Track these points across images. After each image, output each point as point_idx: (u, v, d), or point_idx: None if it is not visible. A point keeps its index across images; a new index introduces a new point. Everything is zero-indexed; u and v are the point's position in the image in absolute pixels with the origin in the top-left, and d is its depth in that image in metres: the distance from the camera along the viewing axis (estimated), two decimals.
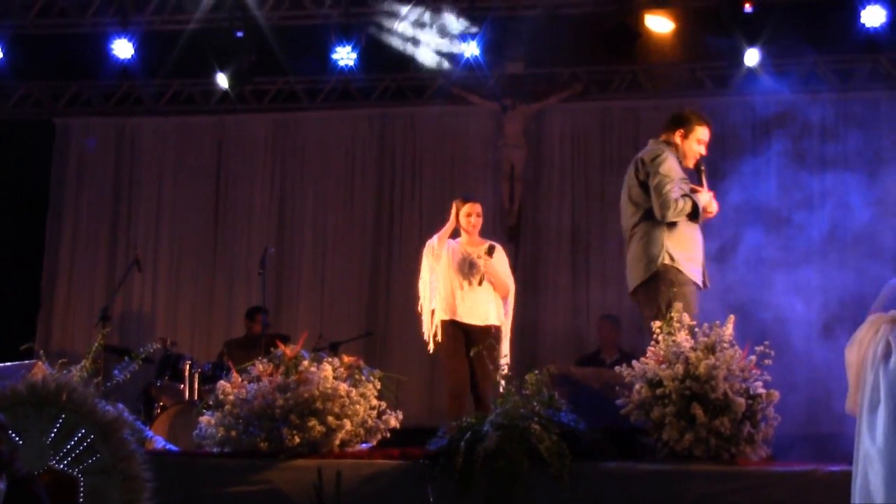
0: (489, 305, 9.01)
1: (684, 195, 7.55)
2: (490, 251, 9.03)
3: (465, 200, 9.31)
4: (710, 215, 7.84)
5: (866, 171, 11.22)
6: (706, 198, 7.75)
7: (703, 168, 7.87)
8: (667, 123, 7.99)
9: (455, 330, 8.87)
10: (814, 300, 11.87)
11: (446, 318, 8.96)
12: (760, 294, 11.03)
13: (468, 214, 9.20)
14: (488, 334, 8.76)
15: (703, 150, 7.87)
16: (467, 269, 8.99)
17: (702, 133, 7.86)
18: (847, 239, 11.12)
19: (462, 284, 9.00)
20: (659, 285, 7.44)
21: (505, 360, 8.60)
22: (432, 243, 9.21)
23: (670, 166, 7.60)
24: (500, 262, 9.16)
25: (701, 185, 7.84)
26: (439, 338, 8.91)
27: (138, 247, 12.88)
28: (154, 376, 11.05)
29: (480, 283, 8.94)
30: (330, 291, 13.56)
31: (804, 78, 12.39)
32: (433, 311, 9.06)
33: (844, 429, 7.33)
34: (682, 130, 7.84)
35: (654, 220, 7.59)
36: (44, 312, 13.79)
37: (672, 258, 7.47)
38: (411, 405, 9.65)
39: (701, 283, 7.62)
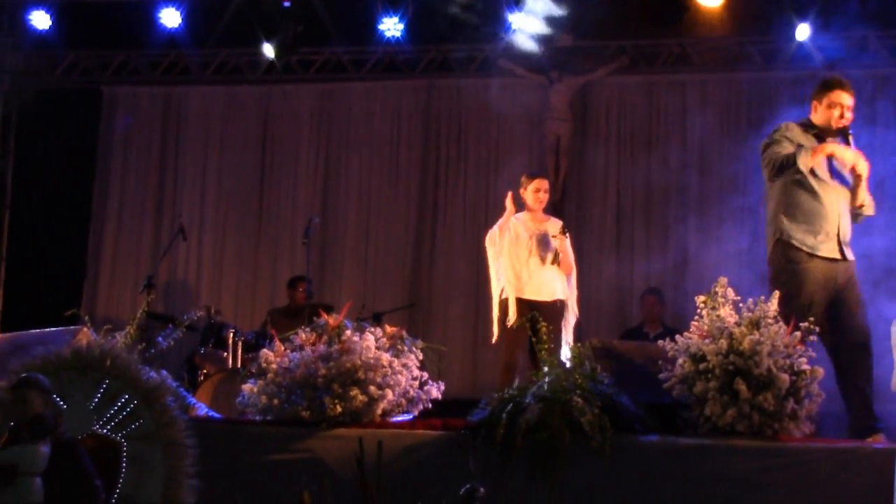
0: (555, 281, 9.08)
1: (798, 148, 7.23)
2: (564, 231, 9.10)
3: (533, 177, 9.43)
4: (857, 172, 7.26)
5: None
6: (840, 149, 7.24)
7: (849, 133, 7.29)
8: None
9: (522, 307, 8.87)
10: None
11: (514, 295, 8.99)
12: None
13: (536, 190, 9.30)
14: (555, 309, 8.82)
15: (840, 114, 7.31)
16: (540, 247, 9.02)
17: (834, 97, 7.33)
18: None
19: (528, 262, 9.04)
20: (773, 262, 7.37)
21: (567, 332, 8.74)
22: (493, 233, 9.21)
23: (784, 134, 7.34)
24: (566, 242, 9.24)
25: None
26: (511, 320, 8.90)
27: (183, 215, 12.90)
28: (198, 344, 11.13)
29: (554, 261, 8.98)
30: (374, 262, 13.57)
31: (855, 53, 12.23)
32: (502, 297, 9.07)
33: (885, 406, 7.30)
34: (815, 100, 7.43)
35: (775, 189, 7.44)
36: (90, 279, 13.89)
37: (785, 232, 7.30)
38: (454, 376, 9.69)
39: (829, 255, 7.26)
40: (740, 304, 6.69)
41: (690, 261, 12.62)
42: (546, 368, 6.71)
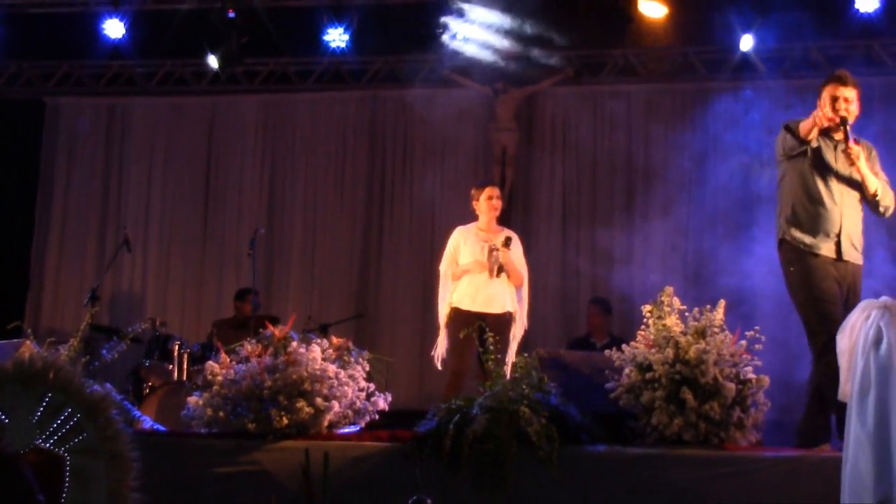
0: (504, 293, 9.06)
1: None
2: (507, 242, 9.05)
3: (483, 185, 9.36)
4: (850, 154, 7.15)
5: None
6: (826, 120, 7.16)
7: (845, 125, 7.17)
8: None
9: (470, 318, 8.83)
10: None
11: (463, 307, 8.97)
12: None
13: (489, 198, 9.22)
14: (503, 321, 8.82)
15: (837, 108, 7.20)
16: (486, 259, 9.00)
17: (834, 90, 7.25)
18: None
19: (479, 274, 9.02)
20: (781, 265, 7.34)
21: (515, 344, 8.86)
22: (450, 254, 9.18)
23: (794, 122, 7.31)
24: (517, 252, 9.22)
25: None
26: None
27: (128, 226, 12.81)
28: (143, 356, 11.03)
29: (499, 274, 8.96)
30: (320, 273, 13.56)
31: (798, 64, 12.35)
32: (451, 308, 9.06)
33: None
34: (819, 97, 7.31)
35: (782, 187, 7.41)
36: (33, 291, 13.79)
37: (786, 232, 7.27)
38: (401, 387, 9.67)
39: (828, 254, 7.17)
40: (686, 314, 6.71)
41: (637, 269, 12.68)
42: (493, 378, 6.70)
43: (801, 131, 7.18)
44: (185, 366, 10.57)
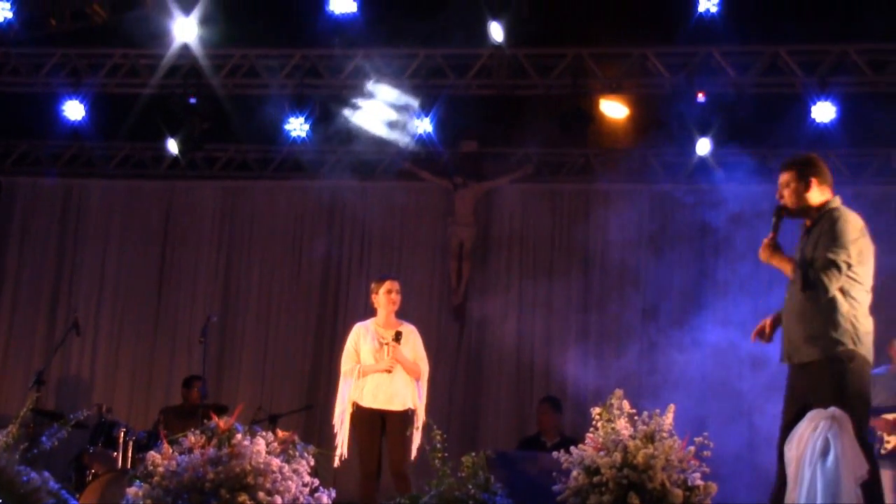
0: (405, 389, 8.93)
1: None
2: (397, 337, 8.92)
3: (383, 279, 9.23)
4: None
5: None
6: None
7: (781, 210, 6.87)
8: None
9: (372, 415, 8.75)
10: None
11: (364, 404, 8.85)
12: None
13: (388, 291, 9.13)
14: (406, 418, 8.72)
15: (778, 194, 6.97)
16: (379, 356, 8.91)
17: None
18: None
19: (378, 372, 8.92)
20: None
21: (416, 443, 8.64)
22: (349, 352, 9.07)
23: None
24: (411, 345, 9.07)
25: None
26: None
27: (79, 309, 12.67)
28: (87, 442, 10.87)
29: (390, 371, 8.86)
30: (272, 362, 13.45)
31: (754, 170, 12.44)
32: (353, 409, 8.92)
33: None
34: None
35: None
36: None
37: None
38: (347, 482, 9.51)
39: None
40: (635, 417, 6.65)
41: (592, 364, 12.66)
42: (439, 478, 6.61)
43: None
44: (130, 453, 10.39)
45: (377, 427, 8.77)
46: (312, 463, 6.96)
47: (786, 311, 6.67)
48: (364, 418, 8.77)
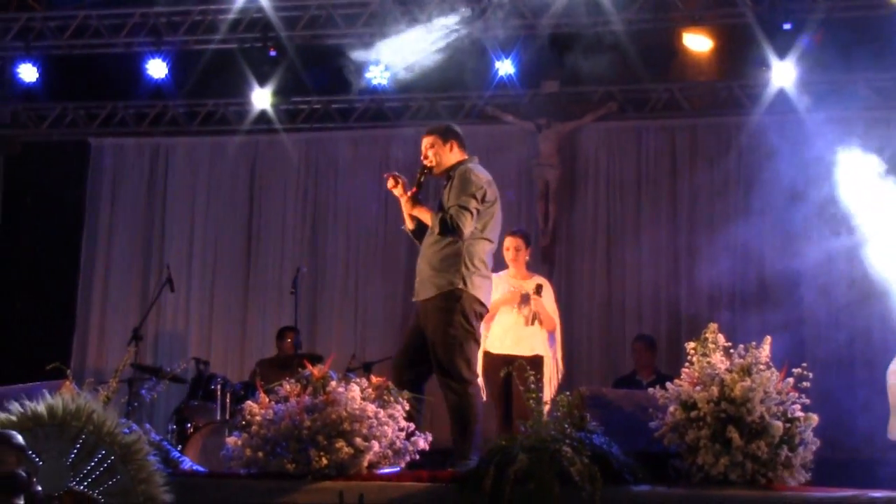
0: (535, 337, 9.02)
1: None
2: (538, 290, 9.02)
3: (506, 235, 9.28)
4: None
5: None
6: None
7: (422, 171, 8.09)
8: None
9: (499, 360, 8.78)
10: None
11: (493, 350, 8.92)
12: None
13: (506, 249, 9.26)
14: (534, 364, 8.72)
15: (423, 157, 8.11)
16: (520, 305, 8.97)
17: None
18: None
19: (508, 319, 8.99)
20: None
21: (549, 388, 8.79)
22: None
23: None
24: (548, 299, 9.23)
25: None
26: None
27: (171, 266, 12.81)
28: (187, 396, 11.02)
29: (532, 322, 8.92)
30: (364, 311, 13.50)
31: (841, 96, 12.20)
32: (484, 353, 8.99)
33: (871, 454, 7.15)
34: None
35: None
36: (79, 332, 13.82)
37: None
38: (442, 427, 9.55)
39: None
40: (731, 350, 6.58)
41: (683, 305, 12.56)
42: (535, 418, 6.59)
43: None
44: (228, 405, 10.53)
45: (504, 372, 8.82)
46: (407, 407, 7.00)
47: (420, 255, 7.71)
48: (491, 364, 8.85)
